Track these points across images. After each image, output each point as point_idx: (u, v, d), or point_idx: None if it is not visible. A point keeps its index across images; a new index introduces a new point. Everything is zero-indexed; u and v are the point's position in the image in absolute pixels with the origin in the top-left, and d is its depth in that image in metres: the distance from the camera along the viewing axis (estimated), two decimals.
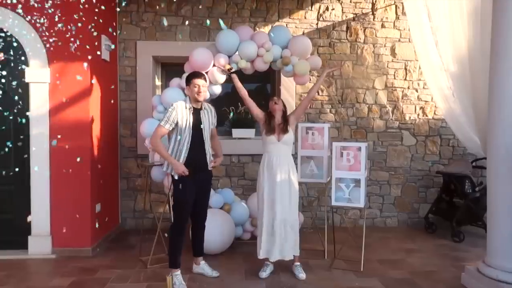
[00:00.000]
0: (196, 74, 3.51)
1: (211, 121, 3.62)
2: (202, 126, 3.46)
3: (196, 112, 3.48)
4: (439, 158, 5.51)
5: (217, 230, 4.06)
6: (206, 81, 3.55)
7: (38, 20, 4.07)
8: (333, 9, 5.35)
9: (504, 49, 3.10)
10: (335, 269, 3.84)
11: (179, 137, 3.39)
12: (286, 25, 5.25)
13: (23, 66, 4.14)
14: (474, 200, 4.73)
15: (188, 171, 3.34)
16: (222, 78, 4.16)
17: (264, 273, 3.64)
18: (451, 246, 4.59)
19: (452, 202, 5.07)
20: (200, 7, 5.15)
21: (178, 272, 3.47)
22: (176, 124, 3.40)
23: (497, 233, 3.20)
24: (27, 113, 4.10)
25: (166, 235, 3.66)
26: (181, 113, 3.40)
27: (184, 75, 4.21)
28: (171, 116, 3.38)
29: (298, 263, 3.70)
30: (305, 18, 5.35)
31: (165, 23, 3.67)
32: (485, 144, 3.79)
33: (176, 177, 3.40)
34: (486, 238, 3.35)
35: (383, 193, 5.49)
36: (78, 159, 3.94)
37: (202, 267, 3.70)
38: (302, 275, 3.61)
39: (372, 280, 3.58)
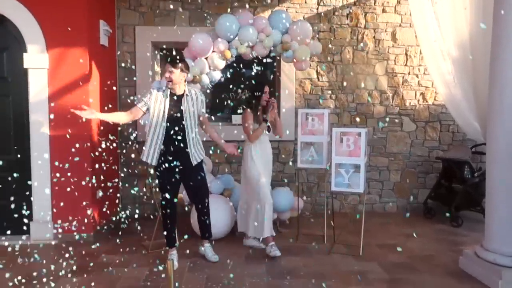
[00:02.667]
0: (170, 60, 3.44)
1: (196, 108, 3.54)
2: (183, 111, 3.44)
3: (176, 99, 3.44)
4: (438, 144, 5.52)
5: (217, 215, 4.08)
6: (182, 71, 3.43)
7: (36, 5, 4.04)
8: None
9: (505, 35, 3.07)
10: (334, 254, 3.87)
11: (153, 123, 3.41)
12: (286, 9, 5.19)
13: (22, 52, 4.11)
14: (473, 185, 4.75)
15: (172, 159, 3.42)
16: (221, 63, 4.13)
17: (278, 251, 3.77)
18: (450, 231, 4.63)
19: (451, 188, 5.09)
20: None
21: (174, 251, 3.59)
22: (148, 109, 3.42)
23: (495, 217, 3.23)
24: (26, 99, 4.10)
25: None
26: (155, 99, 3.41)
27: None
28: (146, 98, 3.44)
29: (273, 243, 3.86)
30: (305, 2, 5.29)
31: None
32: (485, 130, 3.79)
33: (144, 159, 3.49)
34: (484, 222, 3.38)
35: (383, 179, 5.51)
36: None
37: (205, 249, 3.74)
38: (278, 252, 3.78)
39: (371, 264, 3.62)
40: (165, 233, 3.58)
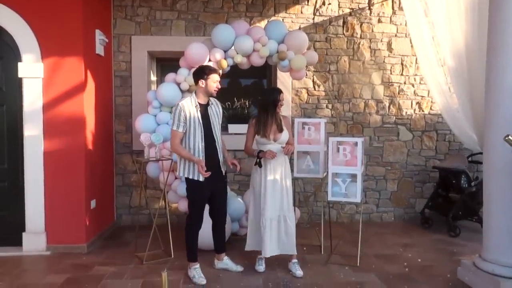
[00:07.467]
0: (213, 69, 3.41)
1: (220, 116, 3.52)
2: (211, 121, 3.39)
3: (203, 108, 3.38)
4: (435, 153, 5.51)
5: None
6: None
7: (31, 15, 4.03)
8: (329, 3, 5.31)
9: (500, 44, 3.09)
10: (331, 264, 3.83)
11: (191, 136, 3.31)
12: (283, 19, 5.21)
13: (16, 61, 4.08)
14: (470, 194, 4.73)
15: (206, 171, 3.27)
16: None
17: (262, 267, 3.64)
18: (447, 241, 4.60)
19: (448, 197, 5.07)
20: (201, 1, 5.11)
21: (197, 265, 3.47)
22: (185, 123, 3.30)
23: (493, 227, 3.20)
24: (20, 108, 4.07)
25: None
26: (188, 111, 3.29)
27: (181, 70, 4.19)
28: (180, 116, 3.27)
29: (296, 260, 3.69)
30: (301, 12, 5.31)
31: None
32: (482, 139, 3.79)
33: (190, 177, 3.33)
34: (482, 232, 3.35)
35: (380, 188, 5.49)
36: None
37: (226, 262, 3.68)
38: (299, 272, 3.57)
39: (368, 275, 3.58)
40: (189, 246, 3.48)
